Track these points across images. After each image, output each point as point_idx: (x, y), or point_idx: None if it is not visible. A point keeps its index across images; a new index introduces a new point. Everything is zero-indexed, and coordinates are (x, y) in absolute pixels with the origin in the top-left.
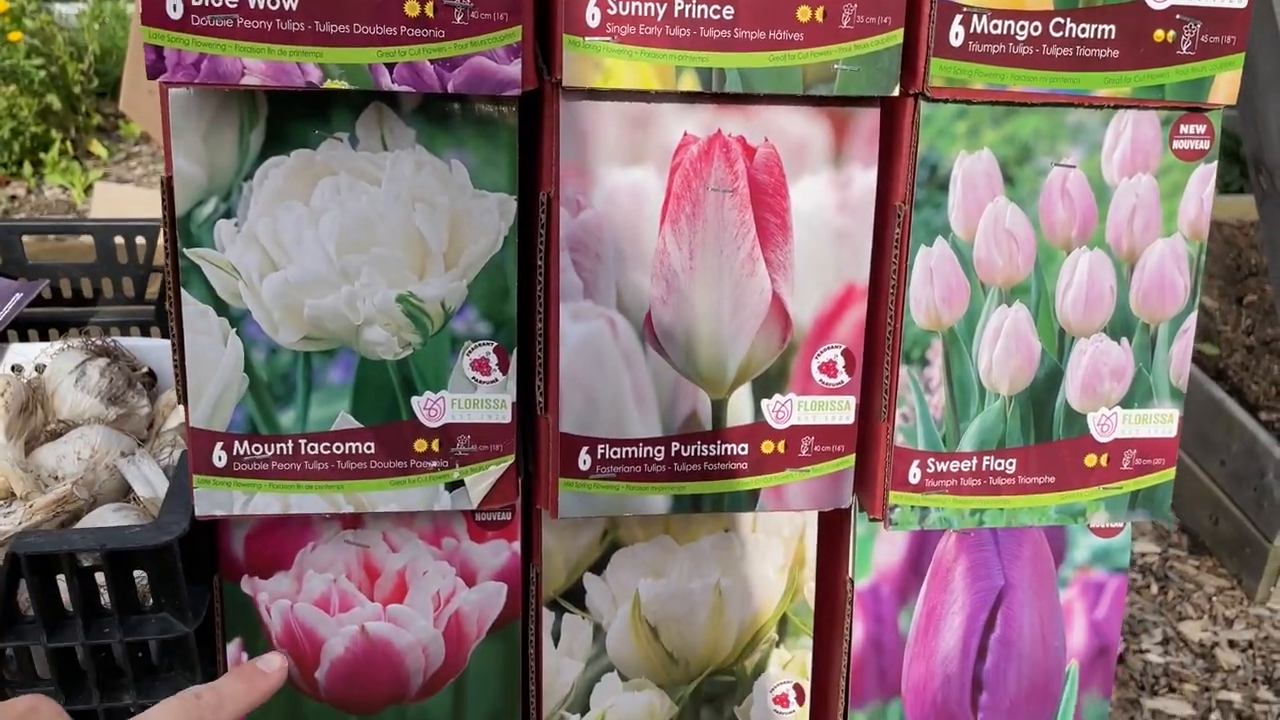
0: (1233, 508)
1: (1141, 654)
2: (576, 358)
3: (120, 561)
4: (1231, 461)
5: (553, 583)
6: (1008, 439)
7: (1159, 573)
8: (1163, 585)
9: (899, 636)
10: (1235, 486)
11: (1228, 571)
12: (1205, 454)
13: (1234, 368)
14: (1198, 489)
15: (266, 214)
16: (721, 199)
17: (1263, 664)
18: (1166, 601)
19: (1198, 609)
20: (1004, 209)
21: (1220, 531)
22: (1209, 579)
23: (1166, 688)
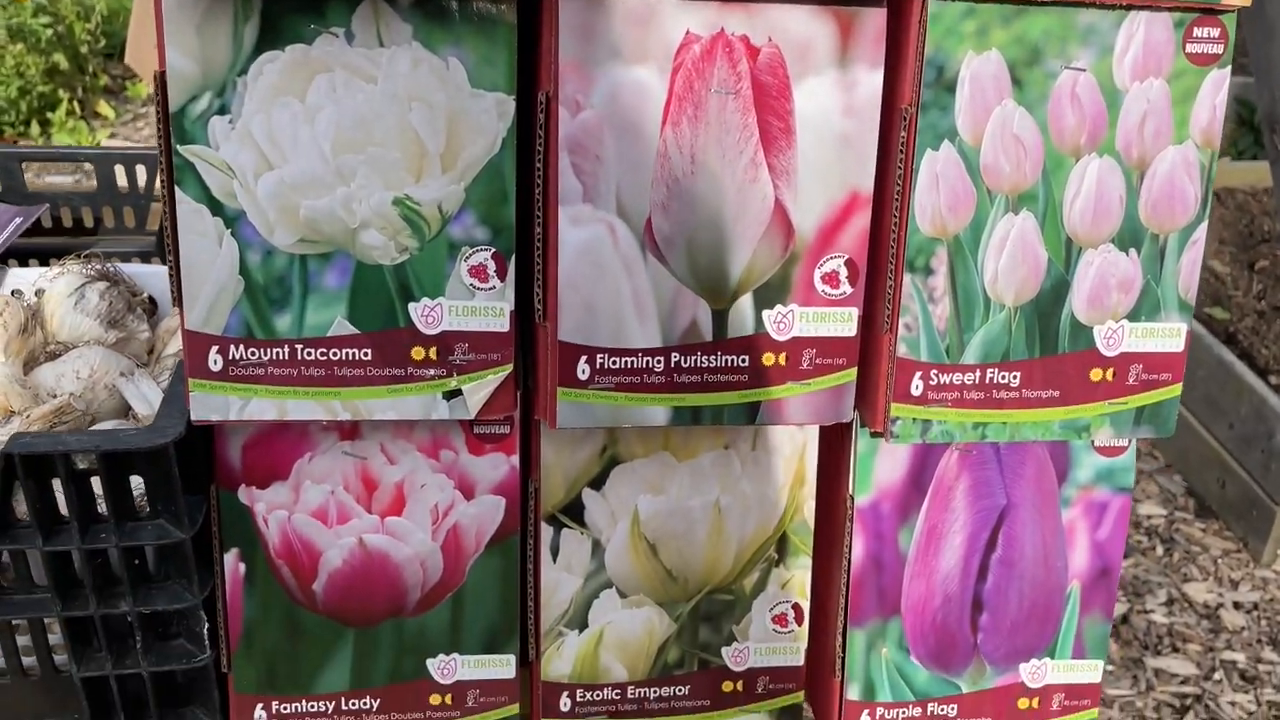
0: (1240, 471)
1: (1146, 614)
2: (576, 264)
3: (116, 465)
4: (1240, 425)
5: (551, 498)
6: (1012, 351)
7: (1165, 535)
8: (1168, 547)
9: (899, 555)
10: (1243, 450)
11: (1234, 534)
12: (1213, 417)
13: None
14: (1205, 452)
15: (261, 111)
16: (724, 101)
17: (1267, 625)
18: (1172, 563)
19: (1203, 571)
20: (1012, 113)
21: (1227, 495)
22: (1215, 542)
23: (1170, 647)
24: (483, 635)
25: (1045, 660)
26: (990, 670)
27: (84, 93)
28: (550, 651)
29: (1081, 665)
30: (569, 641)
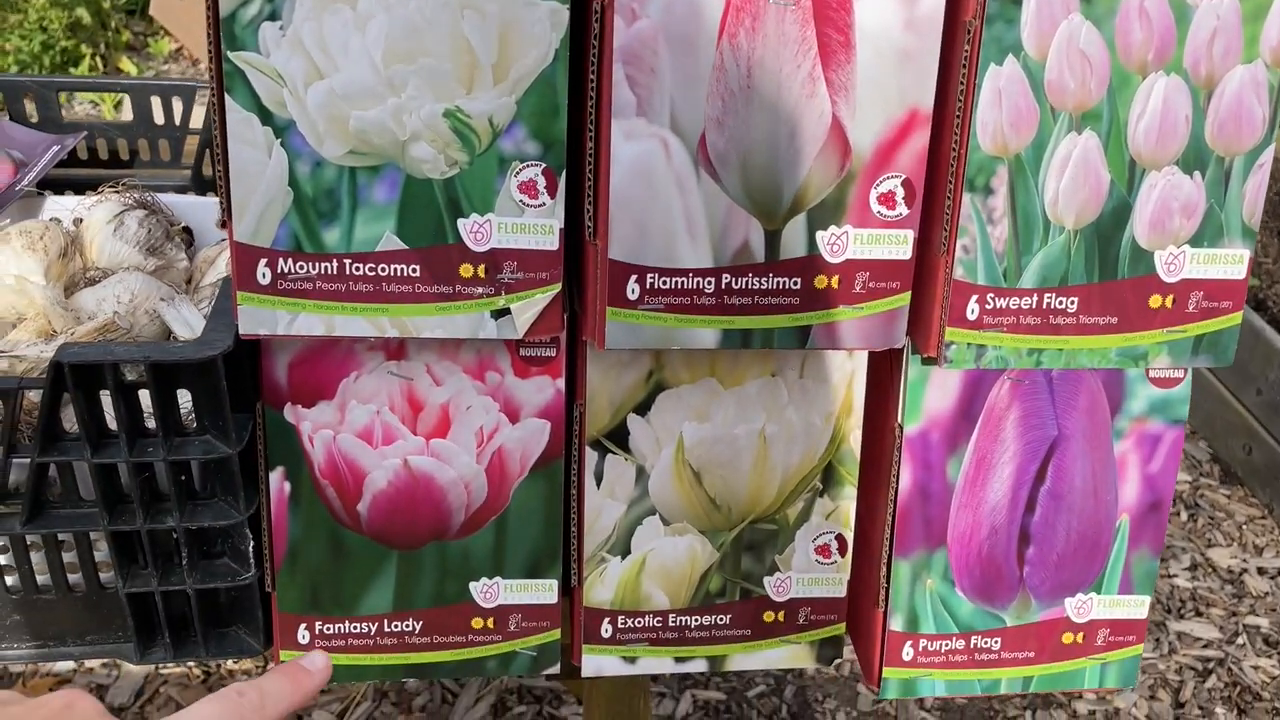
0: (1267, 437)
1: (1169, 578)
2: (628, 180)
3: (164, 377)
4: (1268, 390)
5: (596, 422)
6: (1070, 276)
7: (1189, 501)
8: (1193, 513)
9: (946, 485)
10: (1271, 416)
11: (1259, 501)
12: (1241, 384)
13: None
14: (1232, 419)
15: (312, 17)
16: (783, 12)
17: None
18: (1196, 529)
19: (1227, 537)
20: (1079, 27)
21: (1253, 461)
22: (1240, 508)
23: (1194, 611)
24: (526, 560)
25: (1091, 595)
26: (1035, 604)
27: (106, 48)
28: (592, 577)
29: (1128, 600)
30: (611, 568)
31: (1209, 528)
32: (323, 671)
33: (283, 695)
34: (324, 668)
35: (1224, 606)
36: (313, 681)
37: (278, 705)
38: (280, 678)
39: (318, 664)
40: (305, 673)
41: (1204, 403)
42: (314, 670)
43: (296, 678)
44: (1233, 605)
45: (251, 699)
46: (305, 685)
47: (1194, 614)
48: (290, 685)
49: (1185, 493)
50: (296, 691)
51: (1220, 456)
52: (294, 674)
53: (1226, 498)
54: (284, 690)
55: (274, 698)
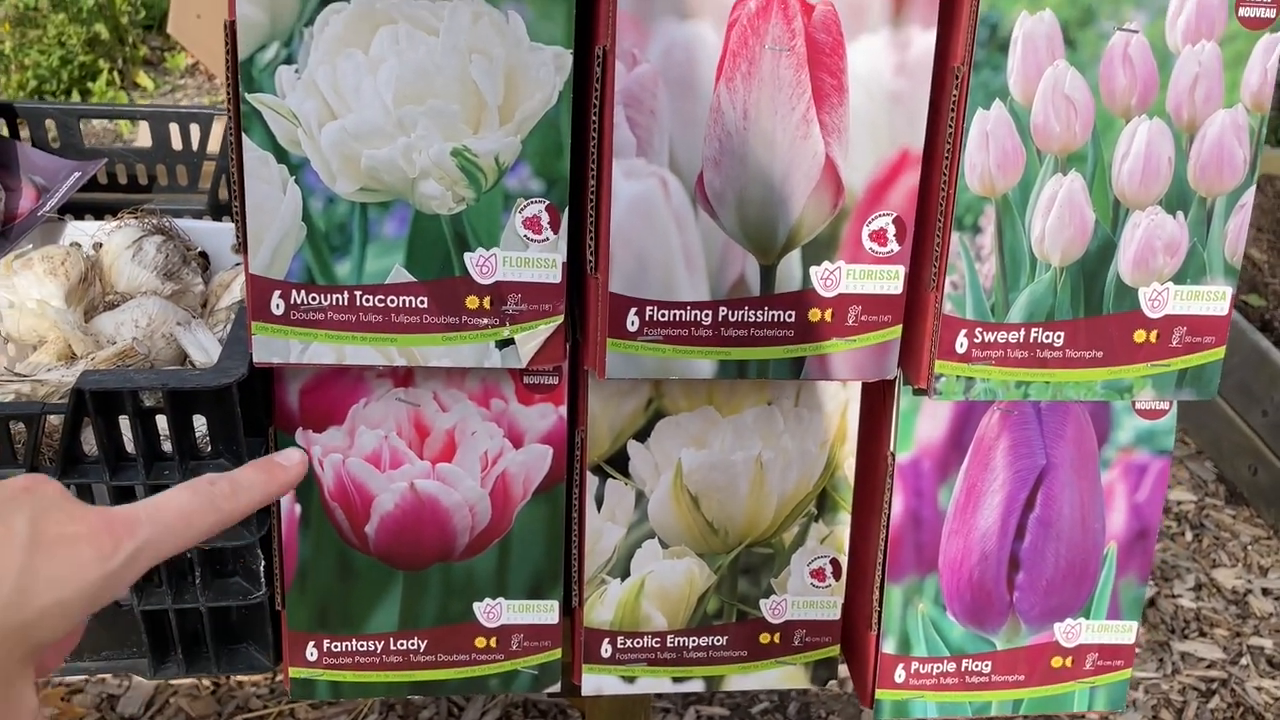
0: (1273, 458)
1: (1174, 599)
2: (628, 217)
3: (181, 403)
4: (1274, 412)
5: (597, 448)
6: (1057, 311)
7: (1195, 521)
8: (1198, 533)
9: (938, 512)
10: (1276, 437)
11: (1264, 522)
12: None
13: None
14: (1237, 439)
15: (326, 61)
16: (778, 57)
17: None
18: (1201, 549)
19: (1232, 557)
20: (1064, 73)
21: (1259, 482)
22: (1245, 528)
23: (1197, 632)
24: (528, 581)
25: (1080, 620)
26: (1025, 629)
27: (124, 63)
28: (593, 599)
29: (1116, 626)
30: (611, 589)
31: (1214, 548)
32: (297, 466)
33: (255, 486)
34: (299, 463)
35: (1228, 627)
36: (287, 475)
37: (250, 495)
38: (253, 470)
39: (293, 458)
40: (279, 466)
41: (1210, 423)
42: (288, 464)
43: (270, 470)
44: (1237, 626)
45: (223, 488)
46: (279, 478)
47: (1198, 634)
48: (264, 477)
49: (1190, 513)
50: (270, 483)
51: (1226, 477)
52: (268, 467)
53: (1232, 518)
54: (257, 481)
55: (246, 488)
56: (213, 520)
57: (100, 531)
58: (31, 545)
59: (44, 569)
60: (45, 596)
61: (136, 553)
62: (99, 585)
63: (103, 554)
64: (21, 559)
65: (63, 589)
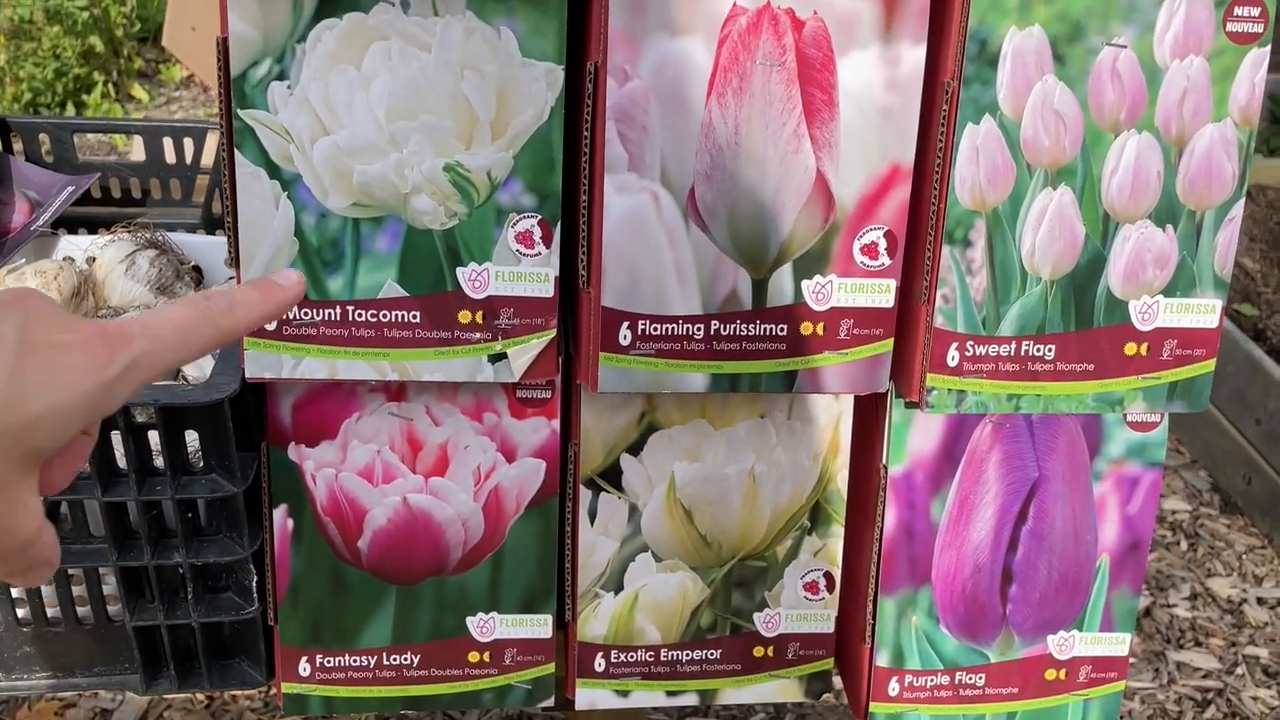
0: (1267, 467)
1: (1169, 608)
2: (620, 232)
3: (173, 419)
4: (1268, 420)
5: (590, 462)
6: (1048, 324)
7: (1189, 530)
8: (1192, 543)
9: (930, 525)
10: (1270, 446)
11: (1259, 531)
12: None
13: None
14: (1231, 448)
15: (318, 78)
16: (769, 73)
17: None
18: (1196, 558)
19: (1227, 566)
20: (1053, 88)
21: (1253, 491)
22: (1239, 538)
23: (1193, 641)
24: (521, 595)
25: (1073, 632)
26: (1018, 641)
27: (118, 75)
28: (586, 613)
29: (1109, 638)
30: (604, 603)
31: (1209, 557)
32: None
33: (252, 304)
34: (297, 282)
35: (1224, 637)
36: (284, 294)
37: (247, 313)
38: (250, 289)
39: (291, 279)
40: (276, 286)
41: (1204, 432)
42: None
43: (267, 290)
44: (1232, 635)
45: (219, 304)
46: (276, 296)
47: (1193, 644)
48: (260, 296)
49: (1185, 522)
50: (266, 301)
51: (1220, 486)
52: (265, 286)
53: (1226, 527)
54: (253, 299)
55: (243, 305)
56: (209, 335)
57: (93, 340)
58: (21, 350)
59: (35, 374)
60: (38, 402)
61: (132, 365)
62: (94, 394)
63: (96, 363)
64: (11, 363)
65: (56, 395)
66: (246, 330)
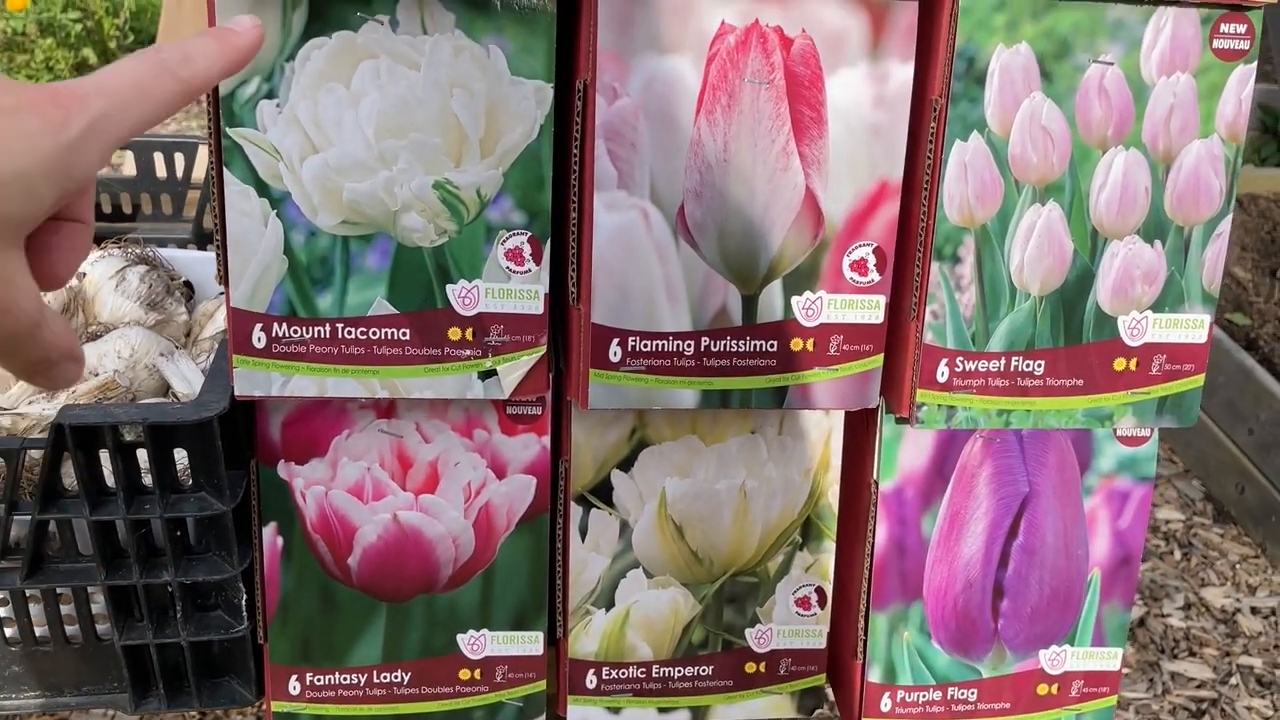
0: (1260, 476)
1: (1163, 618)
2: (609, 248)
3: (161, 437)
4: (1260, 430)
5: (581, 478)
6: (1037, 340)
7: (1183, 540)
8: (1186, 552)
9: (922, 540)
10: (1263, 455)
11: (1252, 540)
12: (1233, 423)
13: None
14: (1224, 458)
15: (307, 96)
16: (757, 90)
17: None
18: (1189, 568)
19: (1221, 576)
20: (1040, 105)
21: (1246, 500)
22: (1233, 547)
23: (1187, 651)
24: (512, 612)
25: (1065, 647)
26: (1010, 656)
27: None
28: (577, 629)
29: (1101, 653)
30: (596, 620)
31: (1202, 567)
32: (250, 31)
33: (209, 53)
34: (251, 28)
35: (1218, 646)
36: (241, 40)
37: (206, 62)
38: (205, 37)
39: (244, 24)
40: (232, 33)
41: (1196, 441)
42: (241, 30)
43: (224, 37)
44: (1226, 645)
45: (173, 53)
46: (233, 42)
47: (1187, 654)
48: (216, 44)
49: (1179, 531)
50: (224, 51)
51: (1213, 495)
52: (220, 34)
53: (1220, 536)
54: (210, 49)
55: (200, 54)
56: (170, 87)
57: (44, 102)
58: None
59: None
60: None
61: (91, 125)
62: (56, 156)
63: (52, 124)
64: None
65: (14, 160)
66: (209, 82)
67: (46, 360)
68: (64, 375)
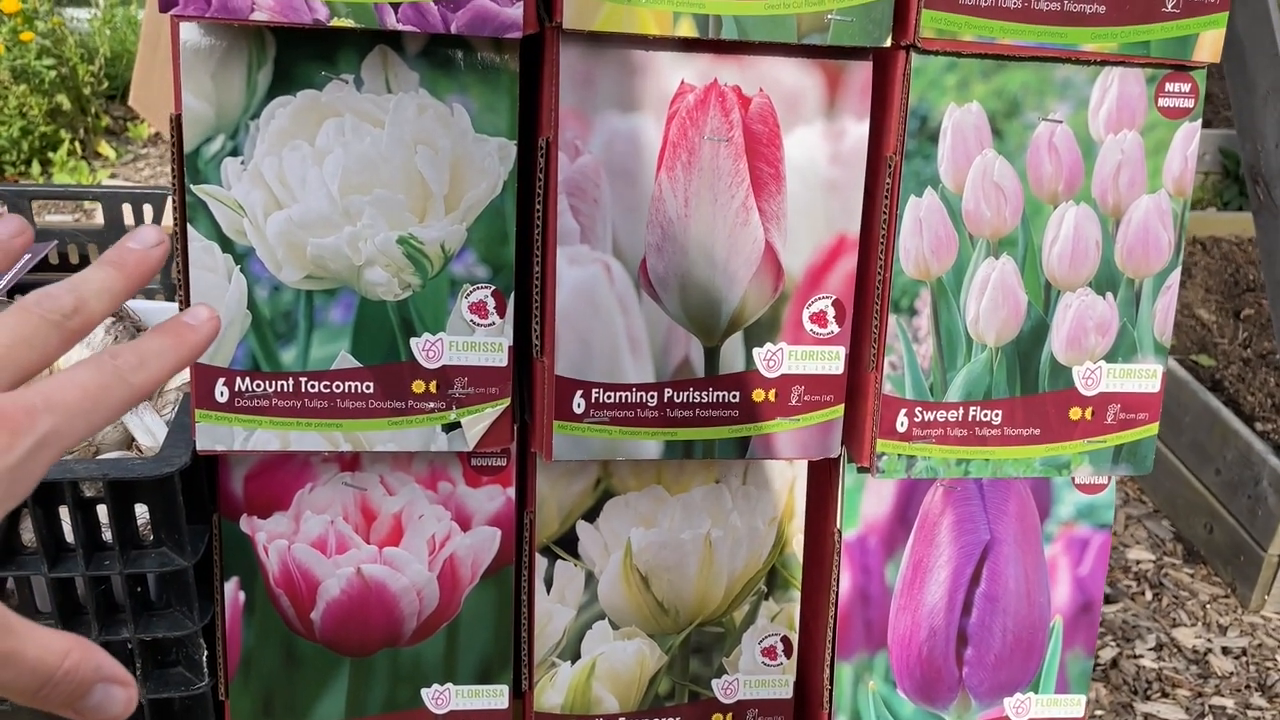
0: (1227, 516)
1: (1135, 659)
2: (572, 302)
3: (121, 493)
4: (1226, 470)
5: (546, 529)
6: (994, 390)
7: (1154, 580)
8: (1157, 592)
9: (885, 588)
10: (1230, 495)
11: (1222, 580)
12: (1200, 463)
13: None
14: (1193, 498)
15: (272, 153)
16: (717, 148)
17: (1256, 670)
18: (1161, 608)
19: (1192, 616)
20: (992, 162)
21: (1215, 540)
22: (1203, 587)
23: (1160, 693)
24: (477, 665)
25: (1029, 695)
26: (975, 704)
27: (86, 133)
28: (543, 682)
29: (1064, 700)
30: (562, 672)
31: (1173, 607)
32: (207, 324)
33: (164, 355)
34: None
35: (1189, 687)
36: (197, 336)
37: (161, 363)
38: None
39: (200, 315)
40: (187, 326)
41: (1165, 482)
42: (197, 323)
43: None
44: (1198, 686)
45: (128, 359)
46: (189, 339)
47: (1160, 695)
48: (172, 342)
49: (1149, 572)
50: (181, 346)
51: (1183, 535)
52: (175, 329)
53: (1190, 576)
54: (165, 349)
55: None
56: (122, 395)
57: None
58: None
59: None
60: None
61: (40, 444)
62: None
63: None
64: None
65: None
66: (162, 382)
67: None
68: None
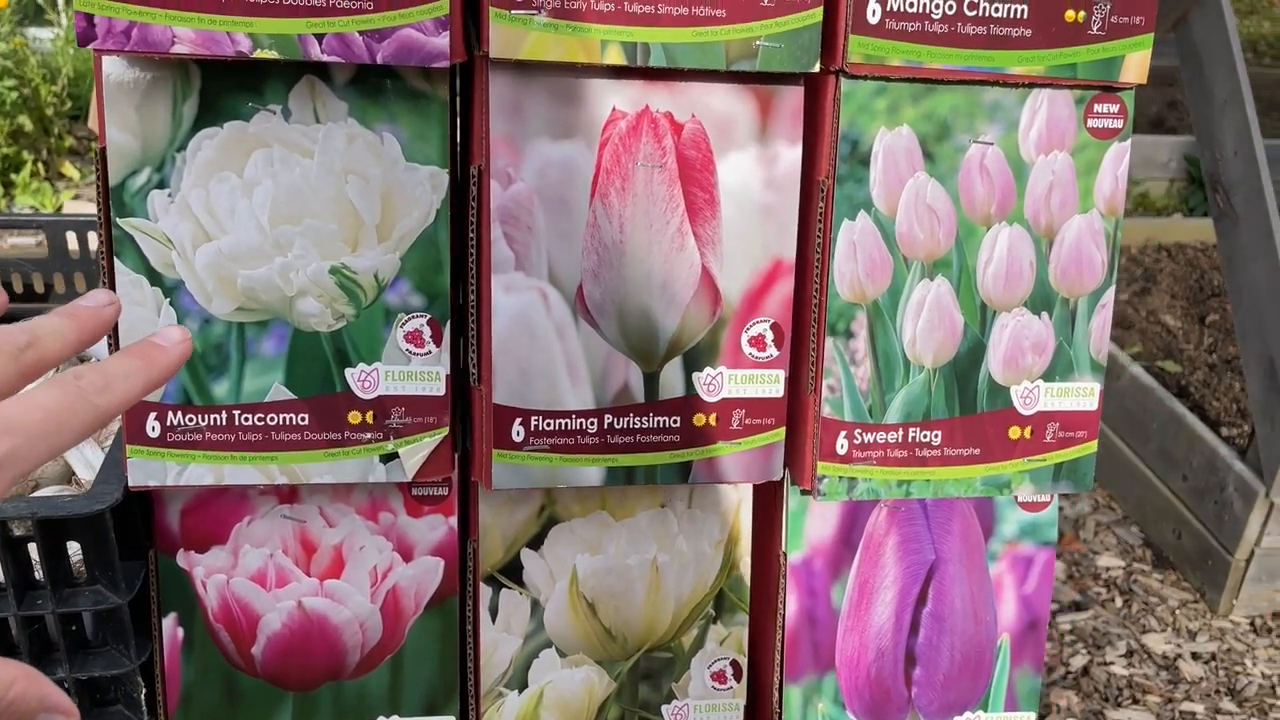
0: (1195, 522)
1: (1105, 666)
2: (509, 329)
3: (52, 531)
4: (1193, 476)
5: (490, 558)
6: (932, 411)
7: (1123, 586)
8: (1127, 599)
9: (832, 610)
10: (1197, 501)
11: (1190, 585)
12: (1167, 469)
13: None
14: (1160, 504)
15: (200, 185)
16: (650, 174)
17: (1225, 675)
18: (1130, 614)
19: (1161, 622)
20: (924, 184)
21: (1183, 545)
22: (1172, 592)
23: (1130, 699)
24: (422, 697)
25: (979, 713)
26: None
27: (49, 154)
28: (490, 712)
29: (1014, 718)
30: (509, 702)
31: (1143, 613)
32: (179, 346)
33: (130, 376)
34: (179, 340)
35: (1160, 693)
36: (167, 358)
37: (128, 385)
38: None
39: (173, 337)
40: (157, 348)
41: (1134, 488)
42: (168, 344)
43: (149, 355)
44: (1169, 692)
45: (94, 381)
46: (159, 361)
47: (1131, 701)
48: (140, 363)
49: (1119, 578)
50: (149, 368)
51: (1152, 541)
52: (145, 351)
53: (1159, 582)
54: (132, 371)
55: (121, 379)
56: (87, 418)
57: None
58: None
59: None
60: None
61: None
62: None
63: None
64: None
65: None
66: (128, 404)
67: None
68: None
